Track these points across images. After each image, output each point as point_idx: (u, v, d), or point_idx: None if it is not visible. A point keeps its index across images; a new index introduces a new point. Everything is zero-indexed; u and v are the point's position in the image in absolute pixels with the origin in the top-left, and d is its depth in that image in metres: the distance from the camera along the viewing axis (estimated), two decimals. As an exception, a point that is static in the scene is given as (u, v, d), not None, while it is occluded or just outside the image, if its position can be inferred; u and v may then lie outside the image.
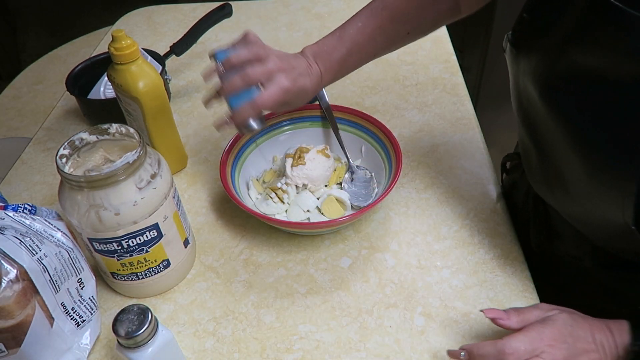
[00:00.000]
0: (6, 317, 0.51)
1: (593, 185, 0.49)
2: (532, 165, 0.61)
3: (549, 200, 0.61)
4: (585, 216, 0.55)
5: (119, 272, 0.62)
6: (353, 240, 0.71)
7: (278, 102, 0.63)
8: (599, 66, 0.44)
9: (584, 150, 0.48)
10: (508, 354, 0.50)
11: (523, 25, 0.53)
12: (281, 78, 0.62)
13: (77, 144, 0.59)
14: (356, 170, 0.77)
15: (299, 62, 0.65)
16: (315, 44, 0.68)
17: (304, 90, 0.65)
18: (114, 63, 0.71)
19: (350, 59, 0.68)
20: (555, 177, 0.56)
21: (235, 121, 0.63)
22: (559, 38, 0.48)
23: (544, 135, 0.54)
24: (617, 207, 0.47)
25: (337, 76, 0.70)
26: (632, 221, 0.46)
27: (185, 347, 0.61)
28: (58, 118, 0.97)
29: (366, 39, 0.67)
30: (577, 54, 0.46)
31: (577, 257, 0.63)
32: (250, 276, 0.68)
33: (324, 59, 0.67)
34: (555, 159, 0.53)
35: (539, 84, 0.50)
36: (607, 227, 0.51)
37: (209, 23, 0.96)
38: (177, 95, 1.00)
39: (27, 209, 0.59)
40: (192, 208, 0.77)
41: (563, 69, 0.48)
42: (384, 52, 0.72)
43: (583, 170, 0.49)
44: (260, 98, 0.61)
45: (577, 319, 0.52)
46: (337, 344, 0.60)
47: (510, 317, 0.54)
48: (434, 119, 0.90)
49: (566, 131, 0.49)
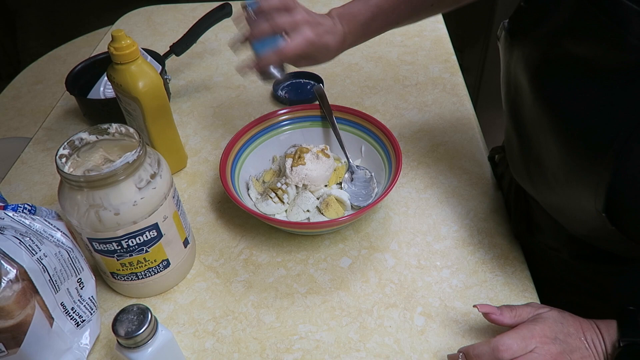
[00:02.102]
0: (6, 317, 0.51)
1: (570, 172, 0.50)
2: (513, 154, 0.62)
3: (528, 188, 0.62)
4: (562, 204, 0.56)
5: (118, 272, 0.62)
6: (353, 240, 0.71)
7: (301, 52, 0.65)
8: (589, 56, 0.45)
9: (565, 138, 0.49)
10: (502, 351, 0.50)
11: (520, 13, 0.54)
12: (306, 30, 0.65)
13: (76, 144, 0.59)
14: (356, 170, 0.77)
15: (325, 20, 0.68)
16: (342, 7, 0.70)
17: (327, 47, 0.68)
18: (114, 63, 0.71)
19: (373, 24, 0.70)
20: (534, 164, 0.57)
21: (257, 66, 0.66)
22: (553, 27, 0.49)
23: (527, 124, 0.55)
24: (590, 194, 0.48)
25: (360, 39, 0.72)
26: (602, 208, 0.47)
27: (185, 347, 0.61)
28: (58, 118, 0.97)
29: (391, 6, 0.69)
30: (569, 43, 0.47)
31: (555, 248, 0.64)
32: (250, 276, 0.68)
33: (349, 20, 0.69)
34: (536, 146, 0.55)
35: (530, 71, 0.52)
36: (581, 214, 0.52)
37: (209, 23, 0.96)
38: (177, 95, 1.00)
39: (27, 209, 0.59)
40: (192, 208, 0.77)
41: (555, 58, 0.49)
42: (407, 22, 0.74)
43: (562, 157, 0.50)
44: (284, 46, 0.64)
45: (566, 317, 0.54)
46: (337, 343, 0.60)
47: (503, 312, 0.55)
48: (434, 119, 0.90)
49: (551, 119, 0.50)
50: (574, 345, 0.51)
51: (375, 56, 1.06)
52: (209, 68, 1.07)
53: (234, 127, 0.91)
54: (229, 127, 0.92)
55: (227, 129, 0.91)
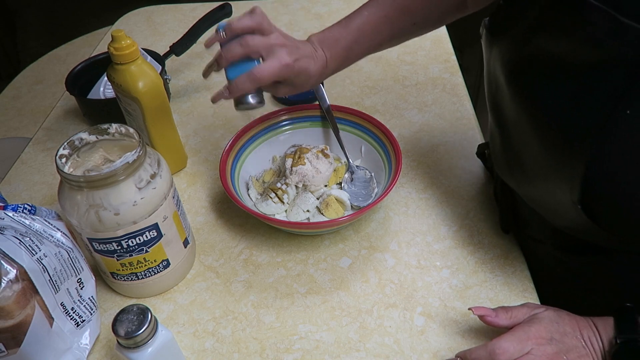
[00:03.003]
0: (6, 317, 0.51)
1: (547, 166, 0.51)
2: (496, 149, 0.63)
3: (509, 181, 0.63)
4: (541, 197, 0.57)
5: (118, 272, 0.62)
6: (353, 240, 0.71)
7: (276, 76, 0.62)
8: (560, 52, 0.46)
9: (542, 133, 0.50)
10: (499, 354, 0.50)
11: (499, 11, 0.54)
12: (282, 53, 0.62)
13: (76, 144, 0.59)
14: (356, 170, 0.77)
15: (304, 46, 0.66)
16: (321, 32, 0.68)
17: (306, 72, 0.65)
18: (114, 63, 0.71)
19: (356, 48, 0.69)
20: (515, 159, 0.57)
21: (231, 93, 0.63)
22: (526, 25, 0.50)
23: (507, 119, 0.55)
24: (566, 187, 0.48)
25: (343, 64, 0.70)
26: (577, 200, 0.48)
27: (185, 347, 0.61)
28: (58, 118, 0.97)
29: (372, 28, 0.68)
30: (541, 39, 0.48)
31: (540, 240, 0.65)
32: (250, 276, 0.68)
33: (330, 45, 0.67)
34: (516, 141, 0.55)
35: (507, 67, 0.52)
36: (560, 207, 0.52)
37: (209, 23, 0.96)
38: (176, 95, 1.00)
39: (27, 209, 0.59)
40: (192, 208, 0.77)
41: (529, 54, 0.50)
42: (390, 43, 0.72)
43: (539, 151, 0.51)
44: (257, 69, 0.61)
45: (562, 316, 0.53)
46: (337, 344, 0.60)
47: (499, 314, 0.55)
48: (434, 118, 0.90)
49: (528, 114, 0.51)
50: (570, 345, 0.51)
51: (375, 56, 1.05)
52: (209, 68, 1.07)
53: (234, 127, 0.91)
54: (229, 127, 0.92)
55: (227, 129, 0.91)
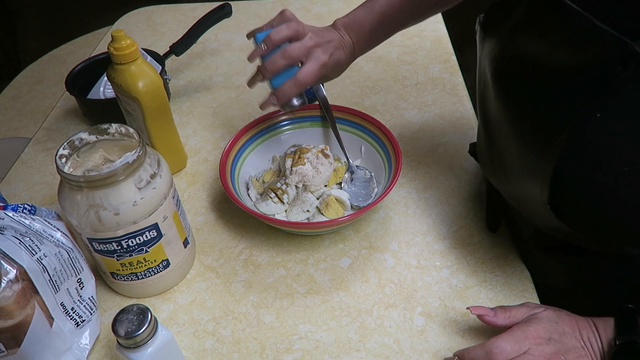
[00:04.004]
0: (6, 317, 0.51)
1: (523, 165, 0.51)
2: (481, 147, 0.63)
3: (492, 180, 0.63)
4: (519, 197, 0.57)
5: (118, 272, 0.62)
6: (353, 240, 0.71)
7: (318, 76, 0.65)
8: (539, 53, 0.47)
9: (519, 133, 0.50)
10: (496, 354, 0.51)
11: (493, 8, 0.55)
12: (319, 53, 0.65)
13: (76, 144, 0.59)
14: (356, 170, 0.77)
15: (333, 36, 0.68)
16: (346, 17, 0.70)
17: (339, 63, 0.68)
18: (114, 63, 0.71)
19: (380, 30, 0.71)
20: (497, 158, 0.58)
21: (280, 100, 0.65)
22: (513, 23, 0.50)
23: (492, 118, 0.56)
24: (538, 187, 0.49)
25: (368, 47, 0.72)
26: (547, 200, 0.48)
27: (184, 347, 0.61)
28: (58, 118, 0.97)
29: (395, 9, 0.69)
30: (524, 39, 0.49)
31: (524, 239, 0.65)
32: (249, 276, 0.68)
33: (356, 30, 0.69)
34: (498, 140, 0.56)
35: (493, 65, 0.53)
36: (535, 206, 0.53)
37: (209, 23, 0.96)
38: (176, 95, 1.00)
39: (27, 209, 0.59)
40: (192, 208, 0.77)
41: (512, 54, 0.50)
42: (413, 22, 0.74)
43: (517, 151, 0.51)
44: (301, 74, 0.64)
45: (562, 316, 0.53)
46: (337, 344, 0.60)
47: (497, 314, 0.55)
48: (434, 118, 0.90)
49: (508, 113, 0.51)
50: (569, 345, 0.51)
51: (375, 56, 1.06)
52: (209, 68, 1.07)
53: (234, 127, 0.91)
54: (229, 127, 0.92)
55: (227, 129, 0.91)
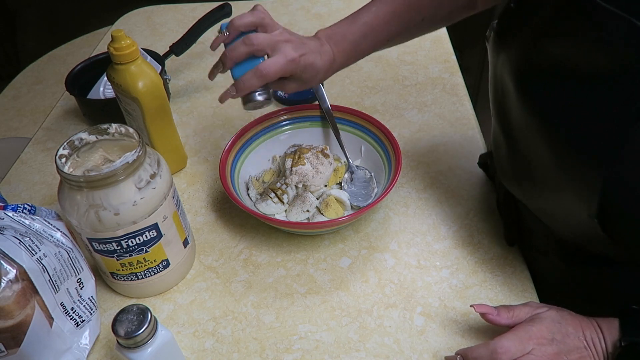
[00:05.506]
0: (6, 317, 0.51)
1: (561, 178, 0.49)
2: (501, 159, 0.61)
3: (516, 193, 0.61)
4: (552, 209, 0.55)
5: (118, 272, 0.62)
6: (353, 240, 0.71)
7: (282, 71, 0.62)
8: (572, 59, 0.45)
9: (554, 143, 0.48)
10: (500, 353, 0.50)
11: (508, 14, 0.53)
12: (287, 49, 0.62)
13: (76, 144, 0.59)
14: (356, 170, 0.77)
15: (310, 41, 0.65)
16: (329, 28, 0.68)
17: (312, 67, 0.64)
18: (114, 63, 0.71)
19: (364, 43, 0.68)
20: (523, 169, 0.56)
21: (238, 91, 0.62)
22: (536, 29, 0.48)
23: (515, 127, 0.54)
24: (581, 200, 0.47)
25: (351, 59, 0.69)
26: (594, 214, 0.46)
27: (184, 347, 0.61)
28: (57, 118, 0.97)
29: (380, 23, 0.67)
30: (552, 45, 0.47)
31: (544, 251, 0.64)
32: (249, 276, 0.68)
33: (338, 40, 0.67)
34: (525, 151, 0.54)
35: (516, 74, 0.51)
36: (571, 219, 0.51)
37: (209, 23, 0.96)
38: (176, 95, 1.00)
39: (27, 209, 0.59)
40: (192, 208, 0.77)
41: (539, 61, 0.48)
42: (399, 39, 0.71)
43: (552, 162, 0.49)
44: (263, 65, 0.61)
45: (565, 316, 0.53)
46: (337, 344, 0.60)
47: (500, 313, 0.54)
48: (434, 118, 0.90)
49: (539, 123, 0.49)
50: (572, 345, 0.51)
51: (375, 56, 1.05)
52: (209, 68, 1.06)
53: (234, 127, 0.91)
54: (229, 127, 0.92)
55: (227, 129, 0.91)
